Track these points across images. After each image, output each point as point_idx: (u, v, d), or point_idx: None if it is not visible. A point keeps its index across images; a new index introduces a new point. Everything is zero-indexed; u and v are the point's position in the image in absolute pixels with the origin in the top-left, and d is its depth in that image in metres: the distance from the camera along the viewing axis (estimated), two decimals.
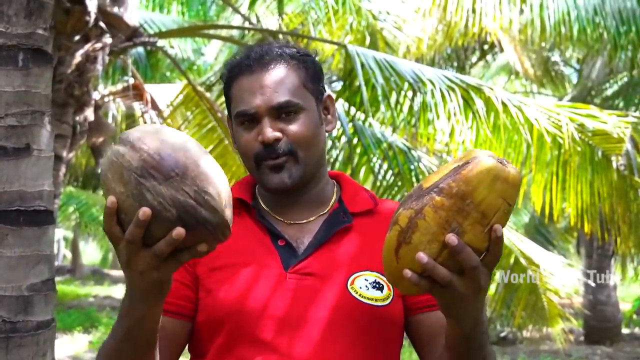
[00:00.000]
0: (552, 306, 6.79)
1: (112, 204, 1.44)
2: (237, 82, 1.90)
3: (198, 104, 7.28)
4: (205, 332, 1.85)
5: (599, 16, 8.61)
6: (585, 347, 12.92)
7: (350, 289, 1.82)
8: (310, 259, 1.86)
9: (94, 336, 12.77)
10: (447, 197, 1.48)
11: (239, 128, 1.89)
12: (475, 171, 1.47)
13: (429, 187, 1.50)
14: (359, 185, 2.04)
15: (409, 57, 10.33)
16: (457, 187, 1.47)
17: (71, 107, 5.90)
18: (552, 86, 15.38)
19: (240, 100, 1.88)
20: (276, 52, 1.90)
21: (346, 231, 1.90)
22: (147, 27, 9.08)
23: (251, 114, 1.86)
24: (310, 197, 1.95)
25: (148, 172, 1.43)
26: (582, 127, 6.24)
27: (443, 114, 6.06)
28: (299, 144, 1.86)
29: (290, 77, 1.88)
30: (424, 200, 1.49)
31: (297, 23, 9.02)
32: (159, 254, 1.44)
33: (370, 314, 1.82)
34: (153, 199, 1.42)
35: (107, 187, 1.47)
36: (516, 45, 11.94)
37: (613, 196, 6.48)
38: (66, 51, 5.74)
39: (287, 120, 1.86)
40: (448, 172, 1.50)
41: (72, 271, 26.85)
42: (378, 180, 6.56)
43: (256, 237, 1.89)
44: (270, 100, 1.85)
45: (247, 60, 1.90)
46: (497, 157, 1.50)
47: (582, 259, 14.36)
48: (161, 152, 1.44)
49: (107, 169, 1.47)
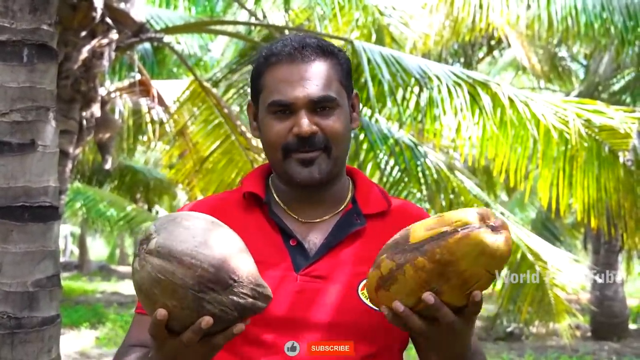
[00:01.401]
0: (559, 302, 6.77)
1: (163, 317, 1.47)
2: (272, 70, 1.85)
3: (205, 100, 7.28)
4: None
5: (606, 11, 8.59)
6: (592, 343, 12.90)
7: (361, 294, 1.81)
8: (321, 262, 1.83)
9: (101, 332, 12.79)
10: (430, 261, 1.48)
11: (270, 117, 1.85)
12: (462, 244, 1.47)
13: (414, 244, 1.50)
14: (372, 183, 2.01)
15: (416, 53, 10.32)
16: (440, 254, 1.48)
17: (78, 103, 5.91)
18: (559, 82, 15.36)
19: (276, 90, 1.83)
20: (315, 45, 1.87)
21: (359, 234, 1.88)
22: (153, 23, 9.08)
23: (287, 104, 1.82)
24: (329, 196, 1.92)
25: (206, 286, 1.46)
26: (589, 123, 6.22)
27: (449, 110, 6.05)
28: (333, 140, 1.83)
29: (329, 72, 1.85)
30: (407, 256, 1.50)
31: (304, 19, 8.99)
32: (216, 347, 1.52)
33: (379, 320, 1.79)
34: (214, 308, 1.47)
35: (153, 300, 1.49)
36: (523, 41, 11.91)
37: (620, 191, 6.46)
38: (73, 47, 5.75)
39: (322, 115, 1.83)
40: (436, 235, 1.49)
41: (80, 267, 26.92)
42: (385, 176, 6.55)
43: (267, 235, 1.87)
44: (310, 93, 1.81)
45: (286, 49, 1.85)
46: (488, 221, 1.49)
47: (590, 255, 14.33)
48: (214, 263, 1.47)
49: (150, 285, 1.48)
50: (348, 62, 1.93)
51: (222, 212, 1.88)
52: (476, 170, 12.53)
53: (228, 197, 1.97)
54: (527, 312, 7.07)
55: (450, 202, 6.46)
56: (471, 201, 6.53)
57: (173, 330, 1.49)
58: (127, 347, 1.85)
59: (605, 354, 11.91)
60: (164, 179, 14.25)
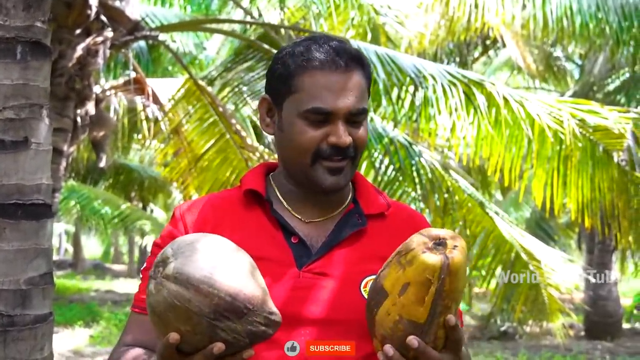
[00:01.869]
0: (553, 301, 6.78)
1: (175, 341, 1.50)
2: (312, 74, 1.82)
3: (199, 99, 7.27)
4: None
5: (601, 11, 8.61)
6: (586, 342, 12.93)
7: (363, 292, 1.81)
8: (324, 259, 1.84)
9: (95, 330, 12.79)
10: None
11: (303, 121, 1.82)
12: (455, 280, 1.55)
13: (427, 319, 1.55)
14: (372, 185, 2.02)
15: (411, 52, 10.33)
16: (449, 300, 1.55)
17: (72, 100, 5.89)
18: (554, 81, 15.39)
19: (317, 96, 1.81)
20: (355, 54, 1.87)
21: (360, 233, 1.90)
22: (148, 21, 9.07)
23: (328, 112, 1.81)
24: (334, 198, 1.93)
25: (222, 315, 1.49)
26: (584, 123, 6.23)
27: (444, 109, 6.05)
28: (360, 149, 1.87)
29: (364, 83, 1.87)
30: (432, 330, 1.57)
31: (299, 17, 8.99)
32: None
33: None
34: (227, 335, 1.50)
35: (166, 323, 1.51)
36: (518, 41, 11.93)
37: (614, 191, 6.48)
38: (67, 45, 5.74)
39: (355, 126, 1.84)
40: (433, 297, 1.54)
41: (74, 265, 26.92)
42: (379, 175, 6.56)
43: (269, 232, 1.87)
44: (351, 105, 1.81)
45: (330, 55, 1.83)
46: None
47: (584, 254, 14.37)
48: (231, 292, 1.50)
49: (165, 310, 1.50)
50: (371, 70, 1.96)
51: (222, 210, 1.89)
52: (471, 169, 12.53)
53: (228, 195, 1.97)
54: (521, 311, 7.08)
55: (444, 202, 6.46)
56: (465, 200, 6.54)
57: (182, 351, 1.52)
58: (122, 347, 1.84)
59: (598, 353, 11.94)
60: (159, 177, 14.22)
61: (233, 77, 7.77)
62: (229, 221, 1.85)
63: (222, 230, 1.74)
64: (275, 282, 1.80)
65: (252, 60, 7.63)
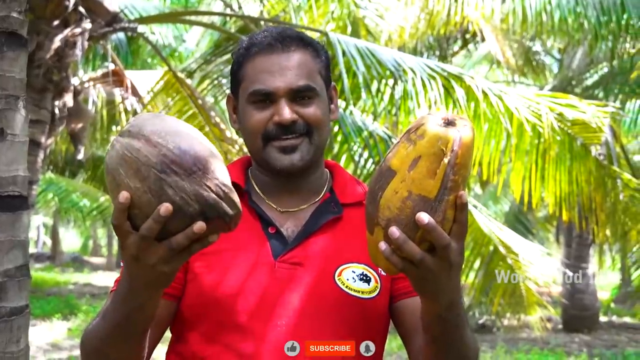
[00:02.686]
0: (530, 294, 6.82)
1: (125, 200, 1.41)
2: (252, 60, 1.88)
3: (179, 91, 7.25)
4: (190, 316, 1.83)
5: (580, 6, 8.65)
6: (563, 335, 13.01)
7: (338, 281, 1.82)
8: (299, 249, 1.85)
9: (73, 323, 12.73)
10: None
11: (250, 107, 1.87)
12: (466, 155, 1.48)
13: (438, 194, 1.47)
14: (350, 176, 2.03)
15: (391, 46, 10.32)
16: (459, 176, 1.48)
17: (50, 92, 5.85)
18: (533, 76, 15.43)
19: (257, 79, 1.85)
20: (296, 36, 1.90)
21: (336, 222, 1.90)
22: (127, 13, 9.02)
23: (268, 93, 1.84)
24: (308, 185, 1.94)
25: (169, 167, 1.41)
26: (562, 117, 6.27)
27: (424, 103, 6.06)
28: (314, 125, 1.86)
29: (309, 62, 1.88)
30: (441, 207, 1.48)
31: (279, 10, 8.98)
32: (176, 247, 1.43)
33: (357, 306, 1.82)
34: (175, 194, 1.41)
35: (118, 182, 1.44)
36: (498, 35, 11.96)
37: (591, 185, 6.52)
38: (45, 36, 5.70)
39: (302, 104, 1.85)
40: (445, 169, 1.47)
41: (52, 258, 26.79)
42: (359, 168, 6.56)
43: (246, 222, 1.85)
44: (291, 82, 1.84)
45: (266, 40, 1.88)
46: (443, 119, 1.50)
47: (562, 248, 14.45)
48: (180, 146, 1.43)
49: (117, 164, 1.44)
50: (327, 55, 1.96)
51: None
52: None
53: None
54: (498, 304, 7.12)
55: None
56: None
57: (136, 226, 1.44)
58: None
59: (576, 346, 12.01)
60: None
61: (212, 70, 7.76)
62: None
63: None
64: (251, 272, 1.81)
65: (232, 52, 7.61)
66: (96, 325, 1.68)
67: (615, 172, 6.95)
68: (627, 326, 14.43)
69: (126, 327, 1.62)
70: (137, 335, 1.65)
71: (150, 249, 1.44)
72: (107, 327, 1.65)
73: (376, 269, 1.85)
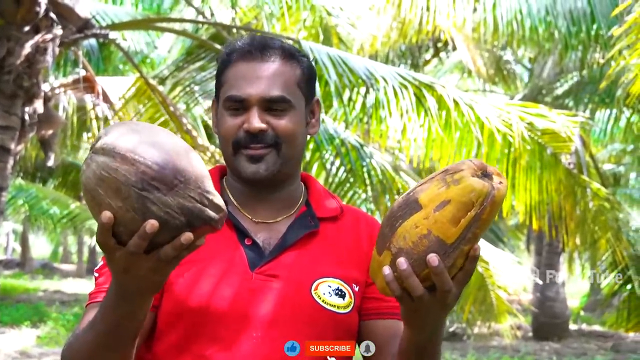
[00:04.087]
0: (501, 302, 6.86)
1: (108, 220, 1.40)
2: (233, 66, 1.88)
3: (150, 98, 7.23)
4: (162, 324, 1.82)
5: (550, 16, 8.72)
6: (533, 343, 13.09)
7: (314, 294, 1.83)
8: (276, 261, 1.84)
9: (42, 331, 12.63)
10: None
11: (225, 112, 1.87)
12: (493, 212, 1.52)
13: (455, 242, 1.50)
14: (325, 189, 2.04)
15: (363, 54, 10.36)
16: (480, 230, 1.52)
17: (20, 98, 5.82)
18: (503, 85, 15.55)
19: (233, 85, 1.86)
20: (278, 46, 1.90)
21: (312, 235, 1.90)
22: (99, 19, 8.97)
23: (241, 100, 1.84)
24: (282, 197, 1.93)
25: (150, 184, 1.40)
26: (532, 126, 6.32)
27: (395, 111, 6.08)
28: (283, 139, 1.85)
29: (287, 74, 1.87)
30: (454, 254, 1.51)
31: (251, 17, 8.98)
32: (165, 258, 1.44)
33: (331, 320, 1.83)
34: (159, 210, 1.40)
35: (99, 201, 1.42)
36: (469, 44, 12.03)
37: (561, 193, 6.58)
38: (15, 42, 5.66)
39: (275, 115, 1.85)
40: (469, 221, 1.50)
41: (21, 265, 26.56)
42: (330, 177, 6.58)
43: (222, 233, 1.80)
44: (264, 91, 1.84)
45: (248, 47, 1.88)
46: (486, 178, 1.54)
47: (532, 256, 14.54)
48: (158, 160, 1.41)
49: (95, 184, 1.42)
50: (310, 68, 1.95)
51: None
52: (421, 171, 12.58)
53: None
54: (469, 312, 7.15)
55: None
56: None
57: (121, 241, 1.43)
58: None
59: (546, 354, 12.10)
60: None
61: (184, 77, 7.74)
62: None
63: None
64: (227, 284, 1.81)
65: (204, 59, 7.61)
66: (81, 337, 1.66)
67: (585, 181, 7.01)
68: (597, 334, 14.54)
69: (116, 336, 1.61)
70: (127, 344, 1.64)
71: (139, 262, 1.44)
72: (96, 337, 1.63)
73: (350, 285, 1.86)
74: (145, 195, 1.39)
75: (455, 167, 1.54)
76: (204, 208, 1.43)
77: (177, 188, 1.41)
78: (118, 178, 1.40)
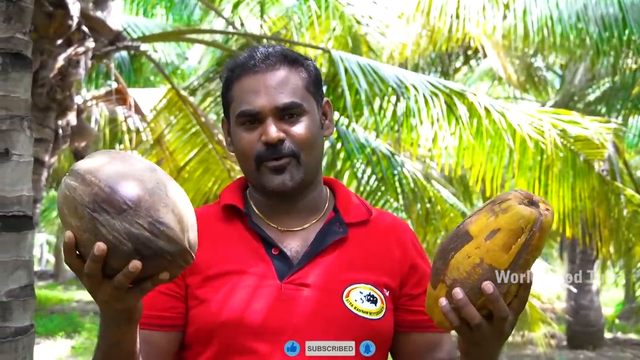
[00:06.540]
0: (534, 311, 6.80)
1: (69, 239, 1.44)
2: (239, 82, 1.87)
3: (181, 109, 7.26)
4: (195, 342, 1.82)
5: (582, 22, 8.65)
6: (567, 352, 12.96)
7: (346, 301, 1.81)
8: (305, 269, 1.83)
9: (77, 341, 12.70)
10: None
11: (239, 129, 1.86)
12: (543, 238, 1.55)
13: (507, 269, 1.53)
14: (352, 193, 2.02)
15: (393, 62, 10.34)
16: (531, 257, 1.55)
17: (53, 111, 5.87)
18: (535, 92, 15.44)
19: (243, 100, 1.84)
20: (280, 54, 1.88)
21: (341, 242, 1.88)
22: (130, 31, 9.05)
23: (254, 113, 1.83)
24: (306, 204, 1.92)
25: (100, 206, 1.41)
26: (564, 133, 6.27)
27: (426, 120, 6.07)
28: (302, 146, 1.84)
29: (294, 79, 1.86)
30: (505, 286, 1.54)
31: (280, 27, 9.01)
32: (119, 285, 1.44)
33: (364, 327, 1.81)
34: (108, 233, 1.41)
35: (64, 221, 1.46)
36: (499, 51, 11.96)
37: (594, 201, 6.52)
38: (48, 55, 5.71)
39: (290, 122, 1.84)
40: (520, 247, 1.53)
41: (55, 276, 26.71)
42: (362, 185, 6.56)
43: (249, 245, 1.86)
44: (275, 100, 1.82)
45: (251, 60, 1.87)
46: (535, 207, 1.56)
47: (565, 264, 14.41)
48: (111, 184, 1.43)
49: (62, 203, 1.46)
50: (316, 70, 1.94)
51: (201, 226, 1.87)
52: (452, 179, 12.56)
53: (206, 211, 1.94)
54: None
55: (426, 211, 6.47)
56: (447, 210, 6.55)
57: (82, 257, 1.45)
58: None
59: None
60: None
61: (215, 87, 7.76)
62: (209, 237, 1.82)
63: (202, 246, 1.69)
64: (257, 296, 1.80)
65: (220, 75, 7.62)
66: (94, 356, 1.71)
67: (619, 187, 6.94)
68: (632, 342, 14.38)
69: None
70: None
71: (99, 287, 1.46)
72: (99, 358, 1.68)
73: (382, 290, 1.85)
74: (95, 216, 1.41)
75: (502, 197, 1.58)
76: (153, 238, 1.42)
77: (126, 213, 1.41)
78: (75, 197, 1.43)
